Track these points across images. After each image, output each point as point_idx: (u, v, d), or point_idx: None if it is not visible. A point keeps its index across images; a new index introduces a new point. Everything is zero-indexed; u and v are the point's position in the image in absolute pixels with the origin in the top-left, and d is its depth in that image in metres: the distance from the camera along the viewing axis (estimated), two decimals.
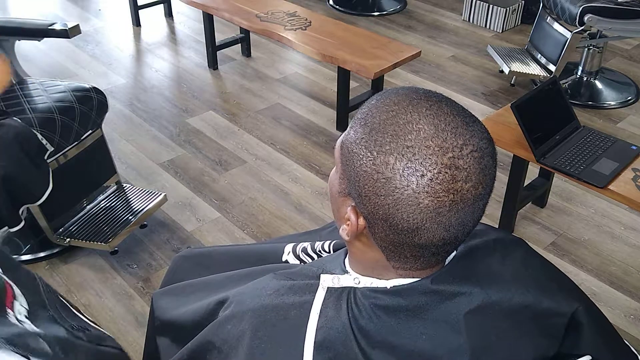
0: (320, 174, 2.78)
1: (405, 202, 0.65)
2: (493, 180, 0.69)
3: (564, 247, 2.40)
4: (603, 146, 2.12)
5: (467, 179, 0.65)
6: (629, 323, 2.08)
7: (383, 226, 0.69)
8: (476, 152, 0.65)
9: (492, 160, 0.68)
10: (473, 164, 0.65)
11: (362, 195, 0.68)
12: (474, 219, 0.69)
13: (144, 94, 3.42)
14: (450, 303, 0.72)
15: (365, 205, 0.69)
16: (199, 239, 2.41)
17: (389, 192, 0.65)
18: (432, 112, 0.67)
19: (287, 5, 3.27)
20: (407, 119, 0.66)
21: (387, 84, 3.39)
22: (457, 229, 0.68)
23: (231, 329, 0.82)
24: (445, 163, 0.64)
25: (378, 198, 0.67)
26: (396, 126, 0.66)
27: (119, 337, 2.01)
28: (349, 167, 0.70)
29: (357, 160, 0.68)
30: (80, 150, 2.21)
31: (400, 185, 0.65)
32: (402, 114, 0.67)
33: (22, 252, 2.29)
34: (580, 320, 0.76)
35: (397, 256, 0.72)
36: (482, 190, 0.67)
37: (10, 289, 0.53)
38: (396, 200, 0.65)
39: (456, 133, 0.65)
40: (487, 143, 0.68)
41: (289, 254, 1.05)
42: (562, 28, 3.15)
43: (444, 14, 4.39)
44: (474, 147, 0.66)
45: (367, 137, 0.67)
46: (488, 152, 0.67)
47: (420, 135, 0.65)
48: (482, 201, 0.68)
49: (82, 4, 4.55)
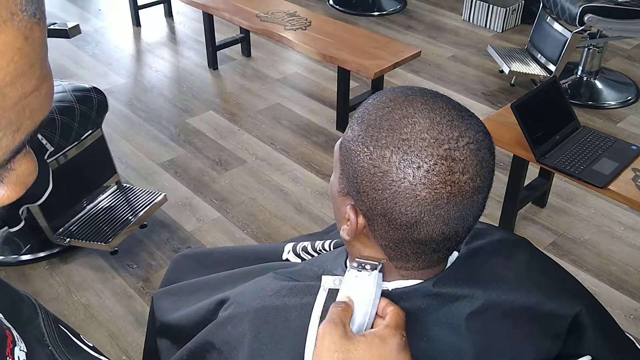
0: (320, 174, 2.78)
1: (403, 195, 0.65)
2: (491, 173, 0.69)
3: (564, 247, 2.40)
4: (603, 146, 2.12)
5: (464, 170, 0.64)
6: (629, 323, 2.08)
7: (382, 222, 0.69)
8: (472, 144, 0.65)
9: (489, 153, 0.67)
10: (469, 156, 0.65)
11: (361, 192, 0.68)
12: (473, 214, 0.69)
13: (143, 94, 3.42)
14: (452, 306, 0.72)
15: (364, 201, 0.69)
16: (199, 239, 2.41)
17: (386, 185, 0.65)
18: (427, 106, 0.67)
19: (287, 5, 3.27)
20: (403, 114, 0.66)
21: (387, 83, 3.39)
22: (457, 223, 0.67)
23: (231, 330, 0.82)
24: (441, 155, 0.64)
25: (376, 193, 0.66)
26: (392, 121, 0.66)
27: (119, 337, 2.01)
28: (347, 165, 0.70)
29: (354, 157, 0.68)
30: (80, 150, 2.21)
31: (397, 178, 0.64)
32: (397, 109, 0.67)
33: (22, 252, 2.29)
34: (583, 322, 0.75)
35: (399, 254, 0.72)
36: (480, 183, 0.66)
37: (10, 335, 0.52)
38: (394, 194, 0.65)
39: (452, 125, 0.65)
40: (484, 136, 0.67)
41: (289, 253, 1.04)
42: (562, 28, 3.15)
43: (444, 14, 4.39)
44: (470, 139, 0.65)
45: (363, 133, 0.68)
46: (485, 144, 0.67)
47: (416, 128, 0.65)
48: (481, 195, 0.68)
49: (82, 4, 4.55)
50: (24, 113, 0.37)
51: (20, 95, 0.36)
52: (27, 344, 0.54)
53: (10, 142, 0.37)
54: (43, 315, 0.59)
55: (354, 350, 0.65)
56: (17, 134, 0.37)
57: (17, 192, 0.42)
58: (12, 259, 2.27)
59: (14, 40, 0.34)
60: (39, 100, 0.38)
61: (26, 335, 0.55)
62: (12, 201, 0.42)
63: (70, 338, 0.62)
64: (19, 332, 0.54)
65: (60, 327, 0.61)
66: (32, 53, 0.36)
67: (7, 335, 0.51)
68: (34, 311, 0.59)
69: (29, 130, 0.38)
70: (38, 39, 0.36)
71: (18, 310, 0.57)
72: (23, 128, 0.38)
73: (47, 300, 2.13)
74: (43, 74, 0.38)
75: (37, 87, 0.37)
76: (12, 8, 0.34)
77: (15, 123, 0.37)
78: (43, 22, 0.37)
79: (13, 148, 0.38)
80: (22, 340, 0.53)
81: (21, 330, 0.54)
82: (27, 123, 0.38)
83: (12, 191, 0.41)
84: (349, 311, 0.69)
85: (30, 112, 0.37)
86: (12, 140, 0.37)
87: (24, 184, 0.42)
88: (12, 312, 0.56)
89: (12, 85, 0.35)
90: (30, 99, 0.37)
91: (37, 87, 0.37)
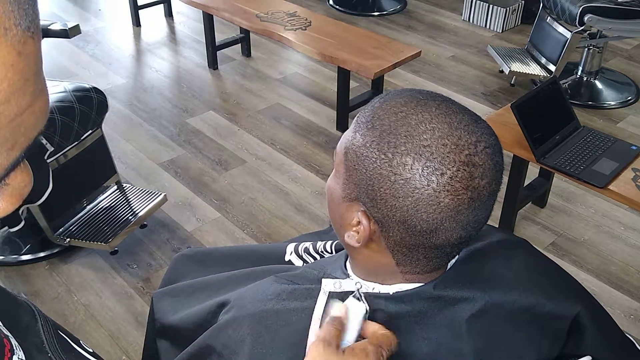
0: (320, 174, 2.78)
1: (426, 202, 0.64)
2: (502, 176, 0.69)
3: (564, 247, 2.40)
4: (603, 146, 2.12)
5: (483, 175, 0.65)
6: (629, 323, 2.08)
7: (399, 229, 0.68)
8: (489, 149, 0.66)
9: (501, 156, 0.69)
10: (487, 160, 0.65)
11: (377, 199, 0.67)
12: (486, 216, 0.69)
13: (143, 94, 3.42)
14: (452, 308, 0.72)
15: (380, 208, 0.68)
16: (199, 239, 2.41)
17: (407, 193, 0.65)
18: (441, 111, 0.67)
19: (287, 5, 3.27)
20: (419, 119, 0.66)
21: (387, 84, 3.39)
22: (473, 227, 0.68)
23: (232, 333, 0.81)
24: (463, 160, 0.64)
25: (396, 200, 0.66)
26: (408, 127, 0.65)
27: (119, 337, 2.01)
28: (358, 171, 0.68)
29: (369, 163, 0.67)
30: (80, 150, 2.21)
31: (420, 185, 0.64)
32: (412, 115, 0.66)
33: (22, 252, 2.29)
34: (583, 323, 0.76)
35: (409, 259, 0.72)
36: (495, 187, 0.67)
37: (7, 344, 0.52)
38: (416, 201, 0.65)
39: (469, 130, 0.65)
40: (496, 139, 0.68)
41: (291, 254, 1.04)
42: (562, 28, 3.15)
43: (444, 14, 4.39)
44: (487, 143, 0.66)
45: (378, 139, 0.66)
46: (498, 148, 0.68)
47: (436, 134, 0.64)
48: (494, 197, 0.69)
49: (82, 4, 4.55)
50: (18, 130, 0.36)
51: (16, 112, 0.35)
52: (25, 352, 0.53)
53: (4, 160, 0.36)
54: (42, 322, 0.59)
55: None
56: (11, 151, 0.36)
57: (13, 204, 0.41)
58: (12, 259, 2.27)
59: (7, 57, 0.33)
60: (33, 116, 0.37)
61: (25, 342, 0.54)
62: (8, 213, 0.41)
63: (70, 344, 0.61)
64: (18, 339, 0.53)
65: (59, 333, 0.60)
66: (26, 68, 0.34)
67: (4, 344, 0.51)
68: (33, 317, 0.58)
69: (24, 147, 0.38)
70: (32, 53, 0.35)
71: (17, 317, 0.56)
72: (18, 145, 0.37)
73: (47, 300, 2.13)
74: (37, 89, 0.36)
75: (31, 103, 0.36)
76: (6, 23, 0.32)
77: (10, 141, 0.36)
78: (37, 36, 0.35)
79: (7, 166, 0.37)
80: (20, 348, 0.53)
81: (20, 338, 0.54)
82: (21, 140, 0.37)
83: (8, 203, 0.41)
84: (341, 331, 0.70)
85: (24, 129, 0.36)
86: (6, 158, 0.36)
87: (20, 195, 0.41)
88: (11, 319, 0.55)
89: (7, 104, 0.34)
90: (24, 115, 0.36)
91: (32, 104, 0.36)
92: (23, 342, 0.54)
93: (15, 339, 0.53)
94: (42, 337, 0.57)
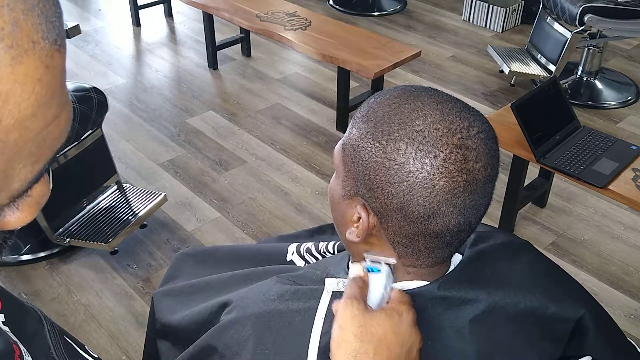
0: (320, 174, 2.78)
1: (421, 186, 0.65)
2: (498, 163, 0.70)
3: (564, 247, 2.40)
4: (603, 146, 2.12)
5: (477, 158, 0.66)
6: (629, 323, 2.08)
7: (397, 217, 0.69)
8: (482, 134, 0.67)
9: (495, 143, 0.70)
10: (481, 145, 0.66)
11: (374, 188, 0.68)
12: (485, 203, 0.70)
13: (143, 94, 3.42)
14: (456, 309, 0.72)
15: (378, 198, 0.69)
16: (199, 239, 2.41)
17: (402, 177, 0.66)
18: (434, 99, 0.68)
19: (287, 5, 3.27)
20: (412, 107, 0.67)
21: (387, 84, 3.39)
22: (471, 213, 0.69)
23: (234, 334, 0.81)
24: (456, 143, 0.65)
25: (392, 186, 0.67)
26: (402, 115, 0.67)
27: (119, 337, 2.01)
28: (355, 164, 0.70)
29: (364, 153, 0.68)
30: (80, 150, 2.21)
31: (414, 169, 0.65)
32: (405, 104, 0.68)
33: (22, 252, 2.29)
34: (586, 326, 0.76)
35: (410, 251, 0.72)
36: (491, 172, 0.68)
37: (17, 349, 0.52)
38: (411, 185, 0.66)
39: (461, 116, 0.67)
40: (489, 126, 0.70)
41: (293, 254, 1.04)
42: (562, 28, 3.15)
43: (444, 14, 4.39)
44: (479, 128, 0.67)
45: (372, 130, 0.68)
46: (491, 134, 0.69)
47: (428, 120, 0.66)
48: (491, 184, 0.69)
49: (82, 4, 4.54)
50: (44, 143, 0.36)
51: (42, 126, 0.34)
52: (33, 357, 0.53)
53: (29, 173, 0.36)
54: (49, 327, 0.59)
55: (375, 322, 0.67)
56: (36, 164, 0.36)
57: (32, 215, 0.40)
58: (12, 259, 2.27)
59: (35, 70, 0.33)
60: (58, 128, 0.36)
61: (33, 348, 0.54)
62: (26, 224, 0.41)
63: (76, 350, 0.61)
64: (26, 345, 0.53)
65: (65, 339, 0.61)
66: (53, 81, 0.34)
67: (14, 349, 0.51)
68: (40, 323, 0.58)
69: (48, 160, 0.37)
70: (59, 66, 0.35)
71: (25, 323, 0.57)
72: (42, 158, 0.37)
73: (47, 300, 2.13)
74: (62, 101, 0.36)
75: (57, 115, 0.36)
76: (34, 36, 0.32)
77: (35, 154, 0.36)
78: (64, 48, 0.35)
79: (31, 178, 0.37)
80: (29, 354, 0.53)
81: (28, 344, 0.54)
82: (46, 153, 0.37)
83: (27, 214, 0.40)
84: (365, 289, 0.71)
85: (49, 141, 0.36)
86: (30, 171, 0.36)
87: (39, 205, 0.40)
88: (19, 325, 0.55)
89: (34, 117, 0.34)
90: (50, 128, 0.35)
91: (57, 115, 0.36)
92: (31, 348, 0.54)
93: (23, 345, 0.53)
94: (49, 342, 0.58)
